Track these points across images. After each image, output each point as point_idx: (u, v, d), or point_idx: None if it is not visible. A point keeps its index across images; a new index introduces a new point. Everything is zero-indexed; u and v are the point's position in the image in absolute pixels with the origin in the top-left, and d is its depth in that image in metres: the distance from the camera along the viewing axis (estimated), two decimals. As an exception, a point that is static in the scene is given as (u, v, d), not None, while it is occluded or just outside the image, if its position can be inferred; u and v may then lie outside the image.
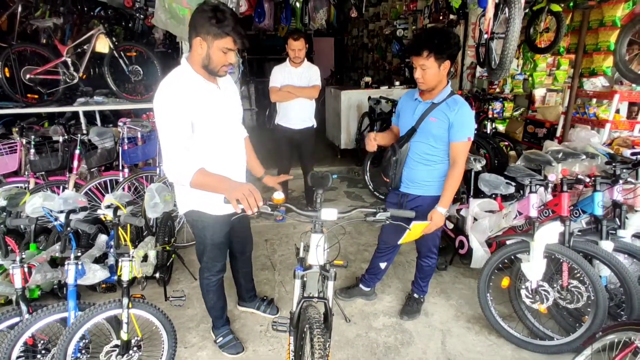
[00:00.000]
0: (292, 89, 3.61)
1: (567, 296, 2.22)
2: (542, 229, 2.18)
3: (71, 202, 2.26)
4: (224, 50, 1.66)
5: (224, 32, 1.61)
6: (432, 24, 5.37)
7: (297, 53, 3.54)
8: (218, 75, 1.78)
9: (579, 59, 3.31)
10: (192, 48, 1.68)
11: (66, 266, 1.93)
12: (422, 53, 2.01)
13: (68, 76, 4.46)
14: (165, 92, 1.67)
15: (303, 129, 3.81)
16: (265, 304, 2.63)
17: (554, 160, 2.87)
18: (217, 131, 1.83)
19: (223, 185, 1.63)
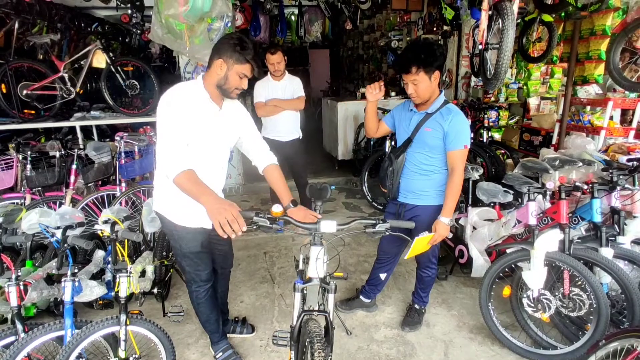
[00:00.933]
0: (278, 102, 3.66)
1: (569, 304, 2.21)
2: (541, 236, 2.18)
3: (68, 218, 2.24)
4: (241, 75, 1.79)
5: (245, 59, 1.75)
6: (427, 35, 5.44)
7: (276, 66, 3.58)
8: (230, 97, 1.87)
9: (571, 68, 3.36)
10: (211, 68, 1.79)
11: (63, 283, 1.90)
12: (411, 70, 2.05)
13: (65, 91, 4.47)
14: (177, 93, 1.78)
15: (291, 141, 3.83)
16: (239, 325, 2.55)
17: (551, 168, 2.89)
18: (203, 148, 1.87)
19: (208, 199, 1.60)
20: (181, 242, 1.97)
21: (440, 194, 2.27)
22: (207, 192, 1.65)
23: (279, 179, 2.08)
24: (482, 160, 4.15)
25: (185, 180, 1.67)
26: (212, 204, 1.57)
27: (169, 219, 1.95)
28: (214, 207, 1.55)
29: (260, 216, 1.62)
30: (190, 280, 2.10)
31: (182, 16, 2.73)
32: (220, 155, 2.01)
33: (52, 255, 2.49)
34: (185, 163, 1.70)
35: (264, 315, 2.74)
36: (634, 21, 2.63)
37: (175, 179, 1.68)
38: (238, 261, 3.50)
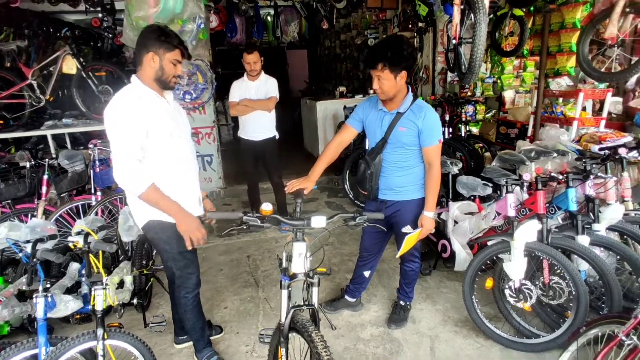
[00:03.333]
0: (248, 102, 3.68)
1: (550, 293, 2.25)
2: (520, 227, 2.20)
3: (39, 231, 2.15)
4: (174, 62, 1.84)
5: (173, 45, 1.81)
6: (402, 32, 5.47)
7: (252, 66, 3.61)
8: (169, 87, 1.91)
9: (543, 61, 3.43)
10: (143, 64, 1.83)
11: (34, 299, 1.82)
12: (377, 66, 2.04)
13: (34, 99, 4.33)
14: (120, 103, 1.78)
15: (264, 140, 3.84)
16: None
17: (527, 160, 2.94)
18: (170, 142, 1.89)
19: (178, 214, 1.86)
20: (172, 242, 1.96)
21: (419, 188, 2.28)
22: (178, 206, 1.86)
23: None
24: (461, 154, 4.20)
25: (153, 195, 1.80)
26: (183, 217, 1.86)
27: (158, 219, 1.92)
28: (183, 221, 1.86)
29: (249, 216, 1.65)
30: (180, 286, 2.08)
31: (152, 18, 2.66)
32: (189, 146, 2.04)
33: (23, 270, 2.39)
34: (147, 178, 1.79)
35: (248, 320, 2.69)
36: (601, 13, 2.69)
37: (143, 196, 1.79)
38: (220, 266, 3.45)
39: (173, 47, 1.82)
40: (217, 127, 6.11)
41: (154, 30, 1.82)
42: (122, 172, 1.76)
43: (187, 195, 1.99)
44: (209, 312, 2.79)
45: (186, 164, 2.01)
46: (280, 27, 7.47)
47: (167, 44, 1.81)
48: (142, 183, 1.77)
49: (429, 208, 2.20)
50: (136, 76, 1.87)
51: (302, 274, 1.70)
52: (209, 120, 4.79)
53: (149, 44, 1.80)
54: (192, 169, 2.06)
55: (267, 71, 3.83)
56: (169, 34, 1.82)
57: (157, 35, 1.80)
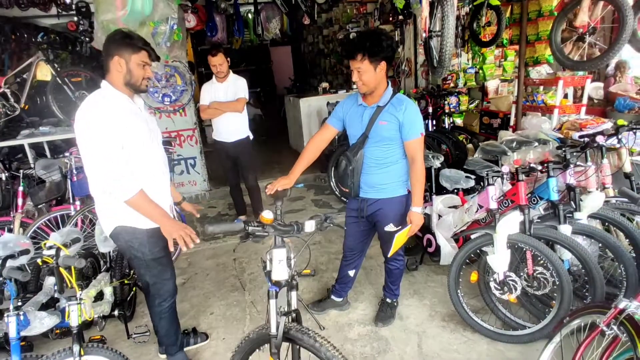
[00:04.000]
0: (217, 105, 3.63)
1: (534, 283, 2.24)
2: (502, 220, 2.19)
3: (11, 246, 2.08)
4: (141, 64, 1.81)
5: (138, 47, 1.78)
6: (383, 25, 5.43)
7: (218, 68, 3.54)
8: (140, 89, 1.87)
9: (522, 49, 3.42)
10: (111, 70, 1.79)
11: (6, 318, 1.76)
12: (356, 56, 2.01)
13: (8, 108, 4.21)
14: (93, 107, 1.73)
15: (237, 141, 3.79)
16: (192, 337, 2.48)
17: (509, 150, 2.93)
18: (144, 150, 1.86)
19: (163, 219, 1.82)
20: (144, 248, 1.92)
21: (401, 185, 2.25)
22: (163, 211, 1.85)
23: None
24: (445, 147, 4.19)
25: (141, 201, 1.79)
26: (168, 222, 1.83)
27: (129, 225, 1.88)
28: (169, 225, 1.82)
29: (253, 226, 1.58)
30: (155, 295, 2.03)
31: (120, 21, 2.58)
32: (160, 151, 2.01)
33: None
34: (135, 183, 1.76)
35: (234, 325, 2.66)
36: (571, 1, 2.68)
37: (129, 201, 1.77)
38: (207, 271, 3.40)
39: (138, 48, 1.78)
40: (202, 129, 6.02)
41: (117, 33, 1.80)
42: (110, 178, 1.71)
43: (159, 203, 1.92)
44: (194, 319, 2.76)
45: (158, 171, 1.97)
46: (261, 25, 7.37)
47: (131, 46, 1.77)
48: (131, 188, 1.75)
49: (416, 203, 2.15)
50: (106, 81, 1.82)
51: (284, 280, 1.68)
52: (191, 123, 4.71)
53: (113, 48, 1.77)
54: (164, 176, 2.02)
55: (250, 70, 3.76)
56: (132, 36, 1.79)
57: (121, 38, 1.77)
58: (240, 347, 1.63)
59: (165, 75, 4.37)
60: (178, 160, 4.71)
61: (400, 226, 2.28)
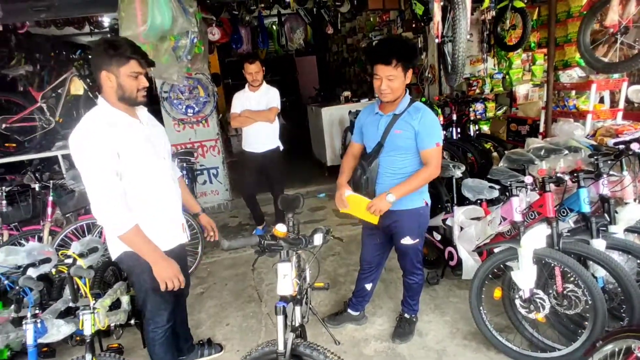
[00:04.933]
0: (249, 114, 3.61)
1: (564, 302, 2.08)
2: (527, 233, 2.06)
3: (35, 254, 2.15)
4: (133, 75, 1.65)
5: (125, 57, 1.62)
6: (406, 32, 5.36)
7: (254, 76, 3.54)
8: (137, 102, 1.73)
9: (551, 53, 3.25)
10: (102, 85, 1.67)
11: (24, 326, 1.81)
12: (391, 62, 1.92)
13: (44, 122, 4.43)
14: (85, 131, 1.62)
15: (267, 152, 3.76)
16: (206, 347, 2.44)
17: (536, 159, 2.77)
18: (147, 166, 1.76)
19: (155, 258, 1.73)
20: (145, 276, 1.80)
21: (417, 196, 2.17)
22: (155, 250, 1.74)
23: (184, 190, 2.13)
24: (470, 155, 4.04)
25: (134, 237, 1.69)
26: (160, 263, 1.73)
27: (132, 251, 1.77)
28: (160, 265, 1.73)
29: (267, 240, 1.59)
30: (149, 320, 1.94)
31: (141, 36, 2.66)
32: (165, 166, 1.89)
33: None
34: (128, 219, 1.65)
35: (250, 337, 2.63)
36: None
37: (121, 237, 1.67)
38: (225, 281, 3.40)
39: (126, 59, 1.61)
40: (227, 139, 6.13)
41: (100, 45, 1.63)
42: (102, 210, 1.61)
43: (168, 223, 1.89)
44: (211, 329, 2.75)
45: (166, 187, 1.88)
46: (285, 35, 7.46)
47: (117, 58, 1.60)
48: (124, 224, 1.64)
49: (394, 191, 2.03)
50: (102, 97, 1.71)
51: (290, 296, 1.64)
52: (213, 133, 4.79)
53: (99, 61, 1.62)
54: (173, 192, 1.93)
55: (276, 80, 3.79)
56: (117, 46, 1.61)
57: (105, 50, 1.60)
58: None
59: (189, 88, 4.49)
60: (201, 170, 4.79)
61: (417, 239, 2.19)
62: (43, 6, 3.68)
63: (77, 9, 3.85)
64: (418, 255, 2.30)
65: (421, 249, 2.32)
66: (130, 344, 2.62)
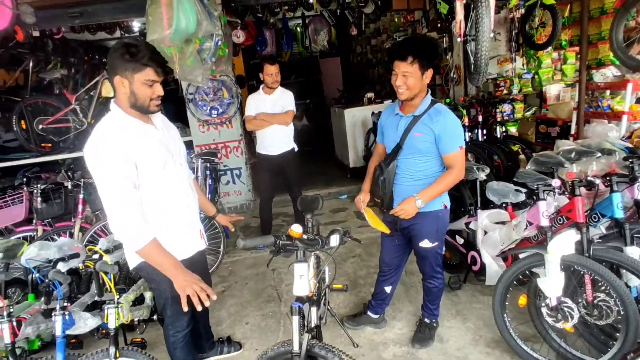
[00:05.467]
0: (265, 116, 3.60)
1: (594, 312, 1.99)
2: (555, 239, 1.98)
3: (66, 249, 2.24)
4: (147, 83, 1.58)
5: (141, 64, 1.54)
6: (431, 32, 5.27)
7: (274, 77, 3.54)
8: (149, 111, 1.66)
9: (583, 51, 3.11)
10: (116, 89, 1.62)
11: (53, 317, 1.89)
12: (407, 58, 1.91)
13: (77, 123, 4.63)
14: (101, 140, 1.57)
15: (283, 154, 3.74)
16: (226, 345, 2.46)
17: (566, 161, 2.65)
18: (163, 174, 1.71)
19: (175, 272, 1.62)
20: (165, 285, 1.76)
21: (437, 199, 2.12)
22: (175, 264, 1.65)
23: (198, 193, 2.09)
24: (496, 157, 3.93)
25: (152, 251, 1.62)
26: (180, 276, 1.61)
27: None
28: (180, 279, 1.60)
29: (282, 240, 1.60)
30: (169, 325, 1.96)
31: (167, 39, 2.73)
32: (182, 172, 1.86)
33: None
34: (146, 233, 1.60)
35: (268, 336, 2.65)
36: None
37: (139, 252, 1.62)
38: (246, 280, 3.44)
39: (142, 66, 1.54)
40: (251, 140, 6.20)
41: (118, 48, 1.55)
42: (118, 224, 1.57)
43: (185, 229, 1.87)
44: (230, 328, 2.79)
45: (182, 194, 1.84)
46: (309, 37, 7.50)
47: (133, 64, 1.53)
48: (141, 238, 1.58)
49: (422, 194, 2.00)
50: (115, 102, 1.65)
51: (306, 296, 1.65)
52: (237, 134, 4.86)
53: (114, 65, 1.56)
54: (190, 198, 1.90)
55: (300, 82, 3.79)
56: (134, 52, 1.53)
57: (121, 54, 1.53)
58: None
59: (213, 89, 4.57)
60: (224, 171, 4.87)
61: (436, 242, 2.14)
62: (77, 12, 3.86)
63: (108, 15, 4.00)
64: (437, 259, 2.26)
65: (441, 252, 2.27)
66: (153, 339, 2.69)
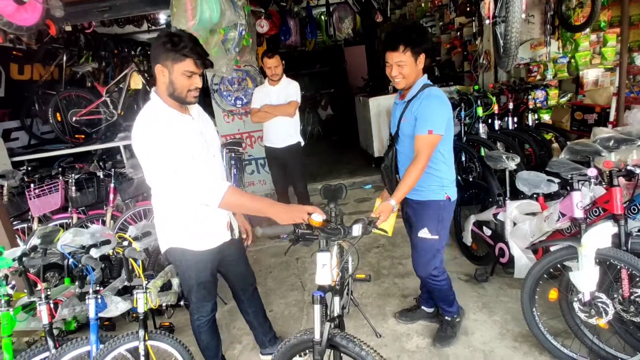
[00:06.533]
0: (268, 108, 3.58)
1: (631, 308, 1.89)
2: (590, 231, 1.89)
3: (98, 236, 2.34)
4: (186, 74, 1.60)
5: (182, 55, 1.56)
6: (460, 16, 5.09)
7: (273, 70, 3.50)
8: (187, 102, 1.69)
9: (625, 33, 2.91)
10: (157, 78, 1.65)
11: (87, 301, 1.98)
12: (398, 47, 1.88)
13: (108, 114, 4.78)
14: (149, 125, 1.63)
15: (287, 147, 3.69)
16: None
17: (604, 150, 2.50)
18: (199, 162, 1.70)
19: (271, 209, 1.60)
20: (190, 271, 1.87)
21: (437, 189, 2.08)
22: (267, 202, 1.65)
23: None
24: (528, 146, 3.77)
25: (236, 197, 1.62)
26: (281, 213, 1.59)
27: (178, 247, 1.85)
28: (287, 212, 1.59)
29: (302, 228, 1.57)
30: (194, 310, 2.02)
31: (192, 30, 2.75)
32: (217, 163, 1.90)
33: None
34: (220, 183, 1.62)
35: (292, 324, 2.68)
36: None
37: (222, 205, 1.61)
38: (270, 269, 3.49)
39: (182, 56, 1.56)
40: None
41: (162, 37, 1.59)
42: (191, 189, 1.61)
43: (213, 221, 1.88)
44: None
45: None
46: (333, 25, 7.40)
47: (174, 54, 1.55)
48: (218, 191, 1.59)
49: (394, 196, 1.89)
50: (154, 91, 1.70)
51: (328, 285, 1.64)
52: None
53: (157, 54, 1.59)
54: None
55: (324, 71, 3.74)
56: (177, 42, 1.55)
57: (163, 43, 1.56)
58: (280, 352, 1.62)
59: (238, 80, 4.60)
60: (249, 161, 4.92)
61: (437, 235, 2.08)
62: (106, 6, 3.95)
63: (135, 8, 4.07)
64: (437, 255, 2.16)
65: (441, 249, 2.16)
66: (180, 323, 2.78)
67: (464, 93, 4.04)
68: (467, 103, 3.85)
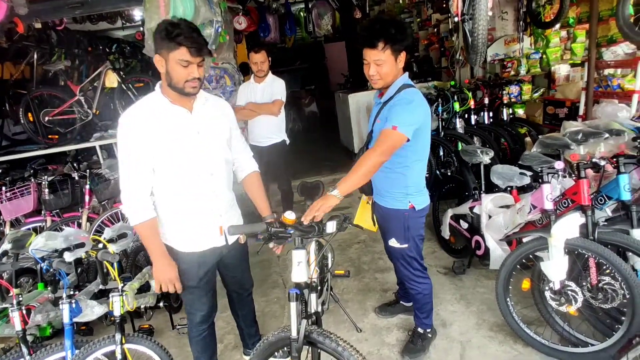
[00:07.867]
0: (252, 106, 3.52)
1: (599, 295, 1.97)
2: (559, 222, 1.95)
3: (71, 239, 2.28)
4: (181, 63, 1.53)
5: (175, 43, 1.51)
6: (437, 13, 5.15)
7: (259, 66, 3.45)
8: (185, 93, 1.60)
9: (593, 28, 3.00)
10: (158, 69, 1.62)
11: (60, 305, 1.93)
12: (377, 45, 1.75)
13: (82, 114, 4.64)
14: (123, 117, 1.63)
15: (271, 145, 3.66)
16: None
17: (573, 143, 2.59)
18: (185, 159, 1.68)
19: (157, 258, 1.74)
20: (181, 275, 1.79)
21: (401, 197, 1.97)
22: (161, 253, 1.74)
23: (258, 189, 2.03)
24: (503, 140, 3.86)
25: (144, 231, 1.71)
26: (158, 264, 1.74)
27: (171, 246, 1.80)
28: (158, 268, 1.74)
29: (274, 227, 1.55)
30: (187, 317, 1.99)
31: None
32: (210, 161, 1.76)
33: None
34: (145, 211, 1.68)
35: (272, 321, 2.69)
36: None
37: (135, 227, 1.72)
38: (252, 267, 3.46)
39: (176, 44, 1.50)
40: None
41: (160, 26, 1.56)
42: (122, 197, 1.67)
43: (203, 221, 1.80)
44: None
45: (204, 185, 1.76)
46: (312, 22, 7.38)
47: (167, 42, 1.51)
48: (137, 215, 1.66)
49: (338, 186, 1.67)
50: (159, 83, 1.67)
51: (304, 283, 1.65)
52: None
53: (155, 44, 1.58)
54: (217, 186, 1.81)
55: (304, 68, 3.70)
56: (171, 30, 1.51)
57: (159, 31, 1.54)
58: (258, 350, 1.62)
59: (215, 77, 4.54)
60: (228, 159, 4.86)
61: (406, 244, 2.02)
62: (77, 3, 3.84)
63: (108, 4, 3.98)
64: (411, 262, 2.08)
65: (413, 256, 2.07)
66: (160, 325, 2.75)
67: (441, 89, 4.10)
68: (444, 98, 3.91)
